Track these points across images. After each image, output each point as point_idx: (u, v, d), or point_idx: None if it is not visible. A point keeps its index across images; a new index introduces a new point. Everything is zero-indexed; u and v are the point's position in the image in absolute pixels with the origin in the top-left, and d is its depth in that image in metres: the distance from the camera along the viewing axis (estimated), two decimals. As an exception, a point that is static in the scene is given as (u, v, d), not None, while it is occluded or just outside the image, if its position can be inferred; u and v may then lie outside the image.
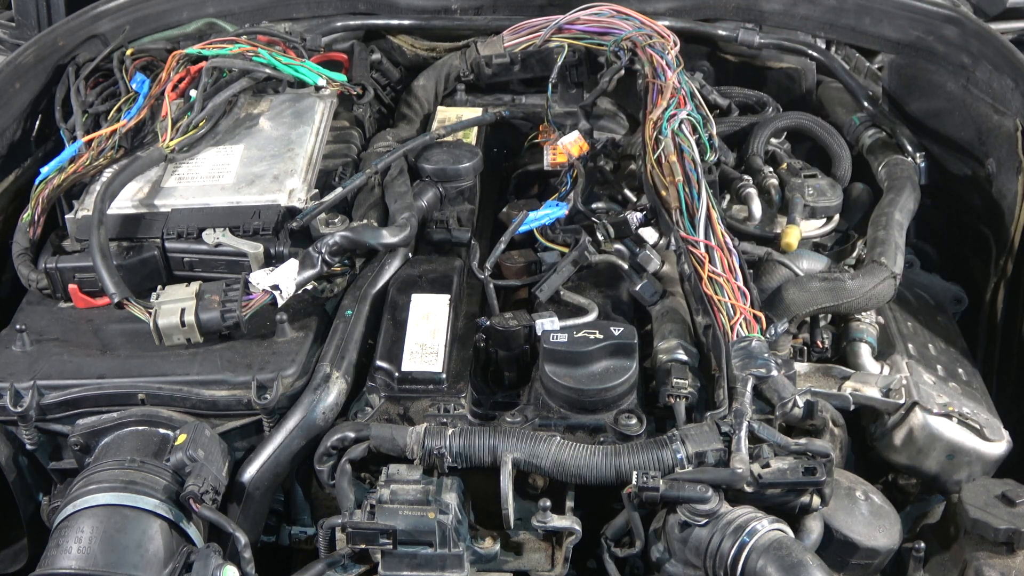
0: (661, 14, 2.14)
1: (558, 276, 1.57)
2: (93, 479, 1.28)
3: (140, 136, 1.76)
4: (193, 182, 1.65)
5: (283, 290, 1.45)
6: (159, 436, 1.36)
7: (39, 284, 1.57)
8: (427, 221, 1.70)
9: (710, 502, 1.21)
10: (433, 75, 2.12)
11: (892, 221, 1.70)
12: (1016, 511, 1.33)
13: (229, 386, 1.38)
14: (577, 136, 1.84)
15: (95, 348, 1.46)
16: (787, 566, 1.14)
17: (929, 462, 1.47)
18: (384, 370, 1.40)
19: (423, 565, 1.23)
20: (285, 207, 1.59)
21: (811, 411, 1.37)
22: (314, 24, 2.19)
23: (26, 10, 2.40)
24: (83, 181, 1.68)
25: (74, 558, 1.19)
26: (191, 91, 1.77)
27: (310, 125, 1.78)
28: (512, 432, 1.28)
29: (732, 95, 2.10)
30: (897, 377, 1.50)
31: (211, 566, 1.19)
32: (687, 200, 1.57)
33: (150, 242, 1.57)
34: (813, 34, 2.20)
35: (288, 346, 1.44)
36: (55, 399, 1.38)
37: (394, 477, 1.26)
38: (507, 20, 2.14)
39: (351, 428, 1.31)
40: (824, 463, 1.23)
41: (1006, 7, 2.60)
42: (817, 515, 1.27)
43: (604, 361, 1.36)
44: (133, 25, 2.08)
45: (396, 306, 1.50)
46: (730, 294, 1.44)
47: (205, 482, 1.27)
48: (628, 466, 1.24)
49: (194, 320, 1.40)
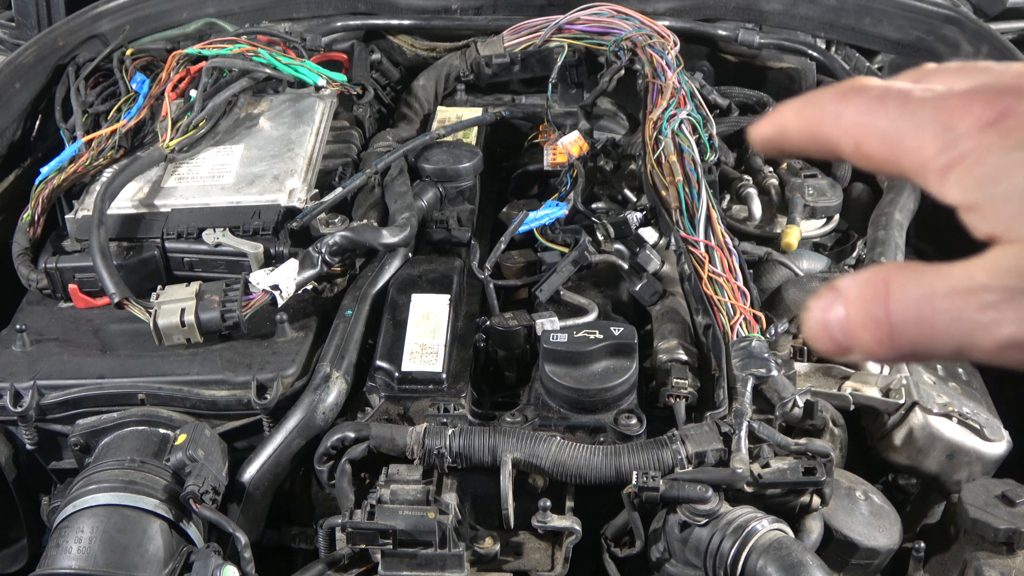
0: (661, 14, 2.14)
1: (558, 276, 1.57)
2: (93, 479, 1.28)
3: (140, 136, 1.76)
4: (193, 182, 1.65)
5: (283, 290, 1.45)
6: (159, 436, 1.36)
7: (39, 284, 1.57)
8: (427, 221, 1.70)
9: (710, 502, 1.21)
10: (433, 75, 2.12)
11: (892, 221, 1.70)
12: (1016, 511, 1.33)
13: (229, 386, 1.38)
14: (577, 136, 1.84)
15: (95, 348, 1.46)
16: (787, 566, 1.14)
17: (929, 462, 1.47)
18: (384, 370, 1.40)
19: (423, 565, 1.23)
20: (285, 207, 1.59)
21: (811, 411, 1.37)
22: (314, 24, 2.19)
23: (26, 10, 2.40)
24: (83, 181, 1.68)
25: (74, 558, 1.19)
26: (191, 91, 1.77)
27: (310, 125, 1.78)
28: (512, 432, 1.28)
29: (732, 95, 2.10)
30: (897, 377, 1.50)
31: (211, 566, 1.19)
32: (687, 200, 1.57)
33: (150, 242, 1.57)
34: (813, 34, 2.20)
35: (288, 346, 1.44)
36: (55, 399, 1.38)
37: (394, 477, 1.26)
38: (507, 20, 2.14)
39: (351, 428, 1.31)
40: (824, 463, 1.23)
41: (1006, 7, 2.60)
42: (817, 515, 1.27)
43: (604, 361, 1.36)
44: (133, 25, 2.08)
45: (396, 306, 1.50)
46: (730, 294, 1.44)
47: (205, 482, 1.27)
48: (628, 466, 1.24)
49: (194, 320, 1.40)
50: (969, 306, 0.43)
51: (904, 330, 0.45)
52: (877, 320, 0.45)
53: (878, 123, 0.48)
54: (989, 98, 0.45)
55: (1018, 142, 0.44)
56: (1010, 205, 0.44)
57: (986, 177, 0.44)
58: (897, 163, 0.48)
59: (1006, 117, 0.44)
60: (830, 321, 0.47)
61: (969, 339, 0.43)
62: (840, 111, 0.50)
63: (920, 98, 0.47)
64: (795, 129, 0.52)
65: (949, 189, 0.46)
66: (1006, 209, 0.44)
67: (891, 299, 0.45)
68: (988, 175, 0.44)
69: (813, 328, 0.47)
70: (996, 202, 0.44)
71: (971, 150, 0.45)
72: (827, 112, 0.50)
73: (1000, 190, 0.44)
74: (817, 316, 0.47)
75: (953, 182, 0.45)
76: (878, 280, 0.45)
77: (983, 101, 0.45)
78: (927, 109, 0.47)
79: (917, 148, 0.46)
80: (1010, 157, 0.44)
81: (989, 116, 0.45)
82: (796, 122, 0.52)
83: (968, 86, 0.47)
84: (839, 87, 0.50)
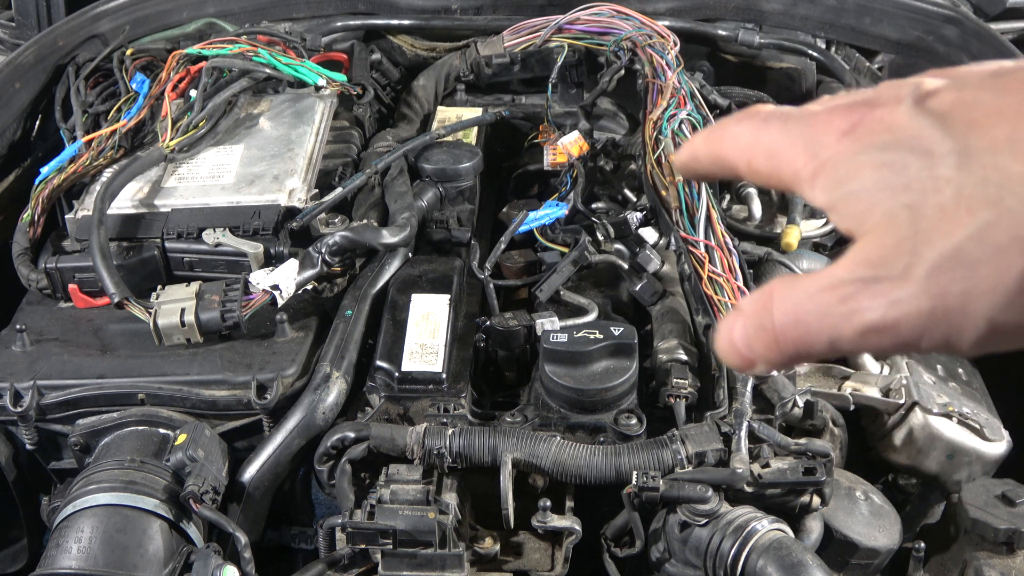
0: (661, 14, 2.14)
1: (558, 276, 1.57)
2: (93, 479, 1.28)
3: (140, 136, 1.76)
4: (193, 182, 1.65)
5: (283, 290, 1.45)
6: (159, 436, 1.36)
7: (39, 284, 1.57)
8: (427, 221, 1.70)
9: (710, 502, 1.21)
10: (433, 75, 2.12)
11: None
12: (1016, 511, 1.33)
13: (229, 386, 1.38)
14: (577, 136, 1.84)
15: (95, 348, 1.46)
16: (787, 566, 1.14)
17: (929, 462, 1.47)
18: (384, 370, 1.40)
19: (423, 565, 1.23)
20: (285, 207, 1.58)
21: (811, 411, 1.37)
22: (314, 24, 2.19)
23: (26, 10, 2.40)
24: (83, 181, 1.68)
25: (74, 558, 1.19)
26: (191, 91, 1.77)
27: (310, 125, 1.78)
28: (512, 432, 1.28)
29: (732, 95, 2.10)
30: (897, 377, 1.50)
31: (211, 566, 1.19)
32: (687, 200, 1.57)
33: (150, 242, 1.57)
34: (813, 34, 2.20)
35: (288, 346, 1.44)
36: (55, 399, 1.38)
37: (394, 477, 1.26)
38: (507, 20, 2.14)
39: (351, 428, 1.31)
40: (824, 463, 1.23)
41: (1006, 7, 2.60)
42: (817, 515, 1.27)
43: (604, 361, 1.36)
44: (133, 25, 2.08)
45: (396, 306, 1.50)
46: (730, 294, 1.44)
47: (205, 482, 1.27)
48: (628, 466, 1.24)
49: (194, 320, 1.40)
50: (831, 301, 0.47)
51: (786, 334, 0.48)
52: (765, 328, 0.49)
53: (763, 141, 0.53)
54: (847, 110, 0.50)
55: (868, 145, 0.48)
56: (860, 202, 0.47)
57: (840, 179, 0.48)
58: (779, 176, 0.52)
59: (859, 125, 0.49)
60: (734, 338, 0.51)
61: (836, 331, 0.47)
62: (736, 133, 0.55)
63: (796, 116, 0.52)
64: (703, 153, 0.58)
65: (816, 194, 0.50)
66: (856, 206, 0.48)
67: (774, 308, 0.49)
68: (841, 177, 0.48)
69: (721, 346, 0.52)
70: (848, 200, 0.48)
71: (830, 157, 0.49)
72: (726, 135, 0.55)
73: (850, 189, 0.48)
74: (724, 336, 0.51)
75: (819, 187, 0.50)
76: (765, 293, 0.50)
77: (842, 113, 0.50)
78: (800, 125, 0.51)
79: (791, 160, 0.51)
80: (859, 159, 0.48)
81: (845, 126, 0.49)
82: (704, 148, 0.57)
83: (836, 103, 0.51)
84: (738, 114, 0.55)
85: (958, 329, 0.45)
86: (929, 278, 0.44)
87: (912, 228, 0.45)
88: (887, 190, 0.46)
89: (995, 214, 0.43)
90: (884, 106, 0.49)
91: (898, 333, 0.45)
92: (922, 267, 0.45)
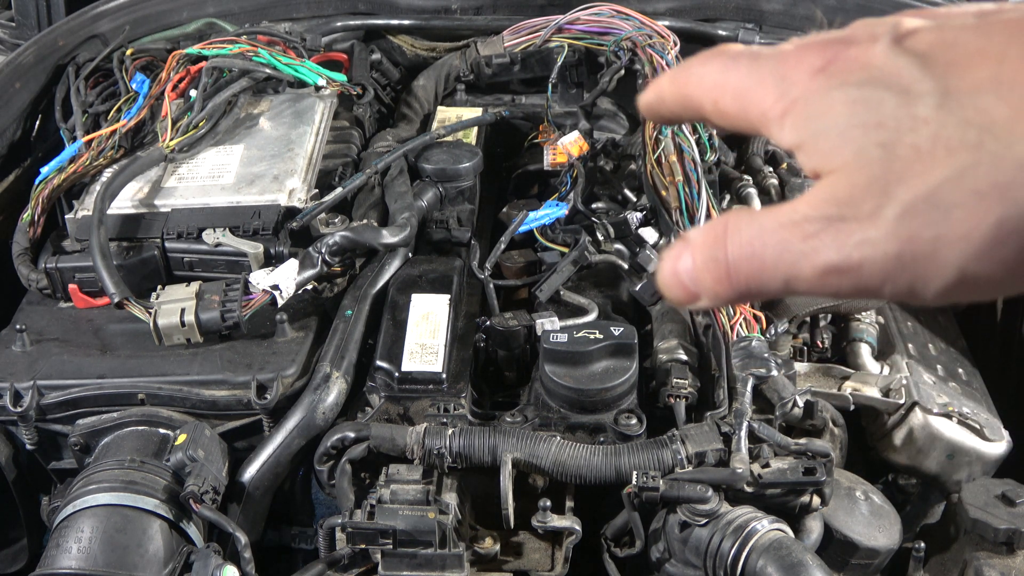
0: (661, 14, 2.14)
1: (558, 276, 1.57)
2: (93, 479, 1.28)
3: (140, 136, 1.76)
4: (193, 182, 1.65)
5: (283, 290, 1.45)
6: (159, 436, 1.36)
7: (39, 284, 1.57)
8: (427, 221, 1.70)
9: (710, 502, 1.21)
10: (433, 75, 2.12)
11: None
12: (1016, 511, 1.33)
13: (229, 386, 1.38)
14: (577, 136, 1.84)
15: (95, 348, 1.46)
16: (787, 566, 1.14)
17: (929, 462, 1.47)
18: (384, 370, 1.40)
19: (423, 565, 1.23)
20: (285, 207, 1.58)
21: (811, 411, 1.37)
22: (314, 24, 2.19)
23: (26, 10, 2.40)
24: (83, 181, 1.68)
25: (74, 558, 1.19)
26: (191, 91, 1.77)
27: (310, 125, 1.78)
28: (512, 432, 1.28)
29: (732, 95, 2.10)
30: (897, 377, 1.50)
31: (211, 566, 1.19)
32: (687, 200, 1.57)
33: (150, 242, 1.57)
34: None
35: (288, 346, 1.44)
36: (55, 399, 1.38)
37: (394, 477, 1.26)
38: (507, 20, 2.14)
39: (351, 428, 1.31)
40: (824, 463, 1.23)
41: (1006, 7, 2.60)
42: (817, 515, 1.27)
43: (604, 361, 1.36)
44: (133, 25, 2.07)
45: (396, 306, 1.50)
46: (730, 294, 1.44)
47: (205, 482, 1.27)
48: (628, 466, 1.24)
49: (194, 320, 1.40)
50: (793, 237, 0.45)
51: (739, 267, 0.46)
52: (717, 260, 0.47)
53: (730, 81, 0.51)
54: (821, 47, 0.48)
55: (841, 82, 0.46)
56: (829, 139, 0.45)
57: (810, 116, 0.47)
58: (746, 116, 0.50)
59: (833, 62, 0.47)
60: (679, 270, 0.49)
61: (794, 269, 0.45)
62: (703, 72, 0.52)
63: (766, 55, 0.50)
64: (668, 94, 0.55)
65: (785, 134, 0.48)
66: (825, 143, 0.46)
67: (728, 240, 0.47)
68: (812, 114, 0.46)
69: (665, 277, 0.50)
70: (817, 138, 0.46)
71: (801, 95, 0.47)
72: (692, 74, 0.53)
73: (820, 126, 0.46)
74: (668, 266, 0.50)
75: (787, 127, 0.48)
76: (718, 224, 0.47)
77: (815, 51, 0.48)
78: (770, 63, 0.49)
79: (759, 99, 0.49)
80: (832, 95, 0.46)
81: (819, 63, 0.47)
82: (670, 88, 0.55)
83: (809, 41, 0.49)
84: (706, 52, 0.53)
85: (924, 276, 0.43)
86: (899, 220, 0.42)
87: (884, 168, 0.43)
88: (860, 127, 0.44)
89: (975, 157, 0.41)
90: (860, 44, 0.47)
91: (860, 276, 0.43)
92: (892, 209, 0.42)
